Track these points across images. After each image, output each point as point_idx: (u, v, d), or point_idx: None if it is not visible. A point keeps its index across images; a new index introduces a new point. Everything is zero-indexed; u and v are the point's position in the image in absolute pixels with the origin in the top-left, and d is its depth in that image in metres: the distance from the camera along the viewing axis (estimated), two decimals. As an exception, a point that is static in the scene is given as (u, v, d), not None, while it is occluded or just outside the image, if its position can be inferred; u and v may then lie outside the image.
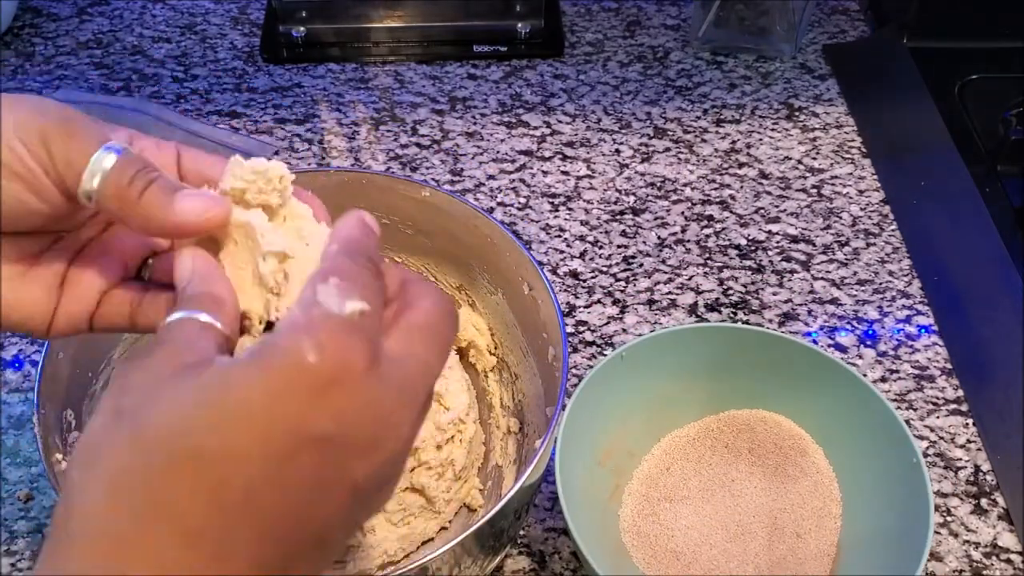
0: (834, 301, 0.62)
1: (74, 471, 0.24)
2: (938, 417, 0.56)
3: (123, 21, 0.82)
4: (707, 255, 0.64)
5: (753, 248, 0.65)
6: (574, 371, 0.57)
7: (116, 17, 0.83)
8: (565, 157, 0.71)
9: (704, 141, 0.72)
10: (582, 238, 0.65)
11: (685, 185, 0.69)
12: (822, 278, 0.63)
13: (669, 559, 0.47)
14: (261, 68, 0.78)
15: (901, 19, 0.79)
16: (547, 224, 0.66)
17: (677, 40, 0.81)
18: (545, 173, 0.70)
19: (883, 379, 0.57)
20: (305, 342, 0.24)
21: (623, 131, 0.73)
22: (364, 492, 0.25)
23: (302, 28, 0.78)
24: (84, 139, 0.29)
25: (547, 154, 0.71)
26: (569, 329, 0.60)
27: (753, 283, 0.63)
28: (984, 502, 0.52)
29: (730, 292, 0.62)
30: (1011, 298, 0.59)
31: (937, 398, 0.56)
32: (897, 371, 0.58)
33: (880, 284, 0.63)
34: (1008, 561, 0.49)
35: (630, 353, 0.49)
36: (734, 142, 0.72)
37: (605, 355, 0.50)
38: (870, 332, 0.60)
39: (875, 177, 0.70)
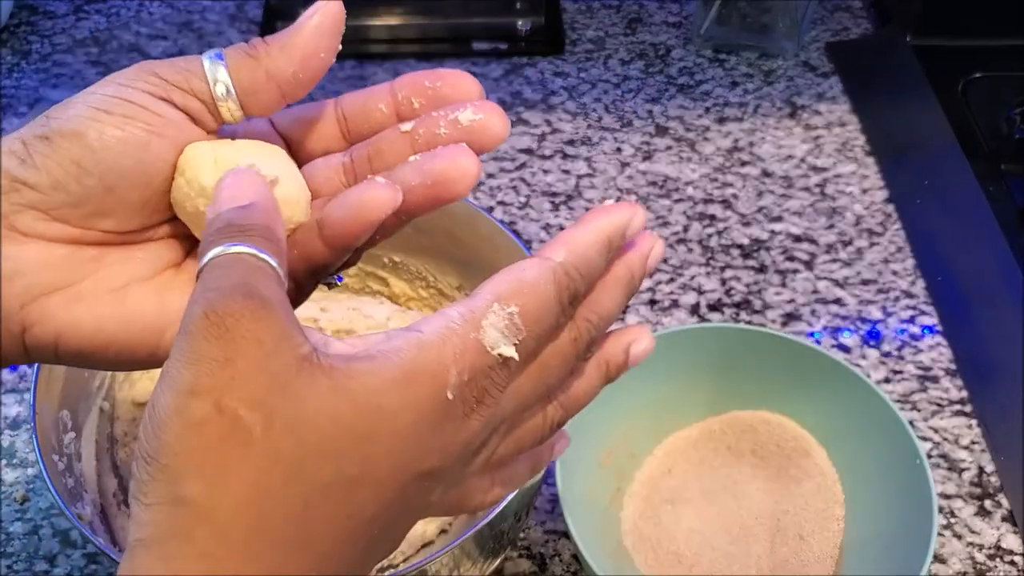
0: (837, 301, 0.61)
1: (193, 478, 0.21)
2: (942, 418, 0.55)
3: (120, 19, 0.82)
4: (709, 255, 0.64)
5: (756, 248, 0.64)
6: (575, 371, 0.56)
7: (113, 15, 0.82)
8: (566, 155, 0.70)
9: (706, 139, 0.72)
10: (583, 237, 0.65)
11: (687, 184, 0.69)
12: (825, 278, 0.63)
13: (671, 561, 0.47)
14: (260, 66, 0.77)
15: (904, 17, 0.79)
16: (547, 223, 0.66)
17: (679, 37, 0.81)
18: (545, 172, 0.69)
19: (887, 380, 0.57)
20: (453, 372, 0.23)
21: (624, 129, 0.73)
22: (433, 510, 0.26)
23: (301, 25, 0.77)
24: (184, 61, 0.28)
25: (547, 152, 0.71)
26: (570, 329, 0.59)
27: (756, 283, 0.62)
28: (988, 504, 0.51)
29: (732, 292, 0.62)
30: (1015, 298, 0.59)
31: (941, 399, 0.56)
32: (901, 372, 0.57)
33: (884, 284, 0.62)
34: (1012, 563, 0.49)
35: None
36: (736, 140, 0.72)
37: (606, 356, 0.50)
38: (874, 332, 0.60)
39: (879, 176, 0.69)
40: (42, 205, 0.26)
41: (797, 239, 0.65)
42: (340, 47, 0.29)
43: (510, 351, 0.23)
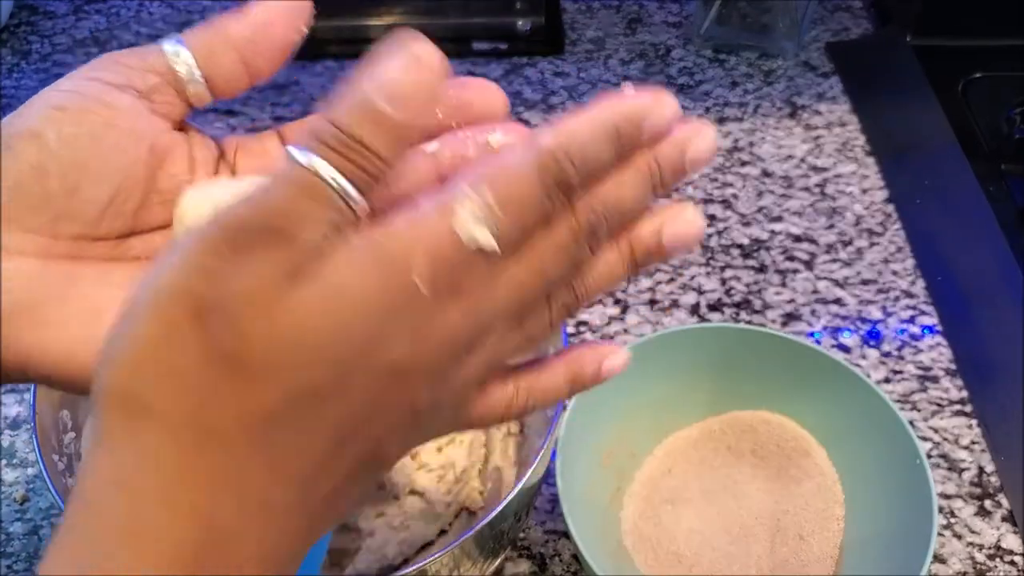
0: (837, 301, 0.61)
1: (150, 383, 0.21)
2: (942, 418, 0.55)
3: (120, 19, 0.82)
4: (709, 255, 0.64)
5: (756, 247, 0.64)
6: (575, 371, 0.56)
7: (113, 15, 0.82)
8: (566, 155, 0.70)
9: (706, 139, 0.72)
10: (583, 237, 0.65)
11: (687, 184, 0.69)
12: (825, 278, 0.63)
13: (671, 561, 0.47)
14: (260, 66, 0.77)
15: (905, 17, 0.79)
16: (548, 223, 0.66)
17: (679, 37, 0.81)
18: (546, 172, 0.69)
19: (887, 380, 0.57)
20: (419, 257, 0.21)
21: (624, 129, 0.73)
22: (424, 415, 0.24)
23: (301, 25, 0.77)
24: (146, 47, 0.27)
25: (548, 152, 0.71)
26: (570, 329, 0.59)
27: (756, 283, 0.62)
28: (988, 504, 0.51)
29: (732, 292, 0.62)
30: (1015, 298, 0.59)
31: (941, 399, 0.56)
32: (901, 372, 0.57)
33: (884, 284, 0.62)
34: (1012, 563, 0.49)
35: (631, 354, 0.49)
36: (736, 140, 0.72)
37: (606, 356, 0.50)
38: (874, 332, 0.60)
39: (879, 176, 0.69)
40: (4, 213, 0.25)
41: (797, 239, 0.65)
42: (305, 29, 0.28)
43: (486, 239, 0.22)
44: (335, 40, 0.78)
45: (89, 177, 0.26)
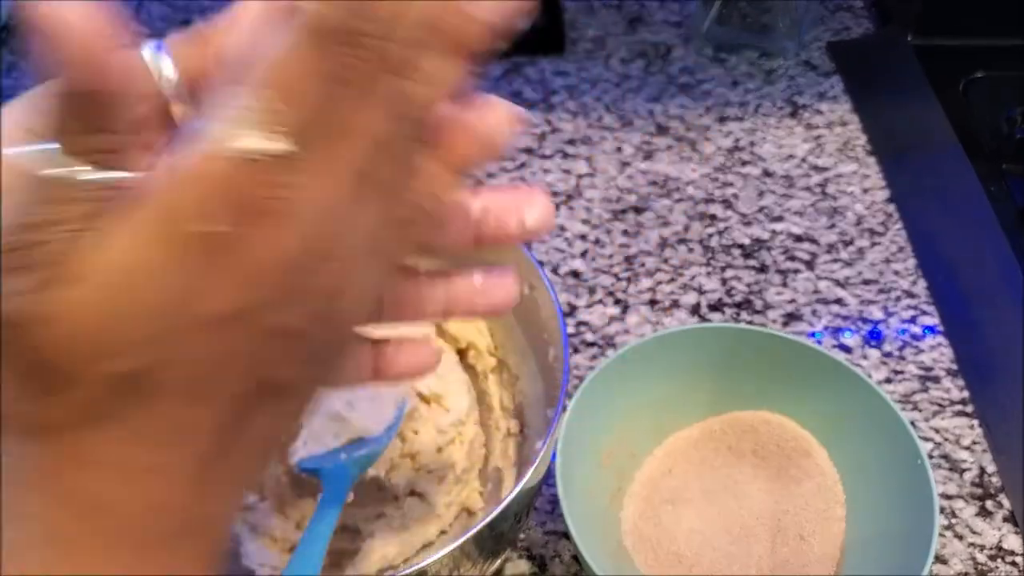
0: (838, 301, 0.61)
1: None
2: (943, 418, 0.55)
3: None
4: (710, 254, 0.64)
5: (756, 247, 0.64)
6: (575, 372, 0.56)
7: (114, 14, 0.82)
8: (566, 155, 0.70)
9: (707, 139, 0.72)
10: (583, 237, 0.65)
11: (688, 183, 0.68)
12: (826, 278, 0.63)
13: (671, 562, 0.47)
14: (260, 65, 0.77)
15: (905, 16, 0.78)
16: (548, 223, 0.66)
17: (679, 37, 0.81)
18: (546, 171, 0.69)
19: (888, 380, 0.57)
20: (191, 206, 0.19)
21: (625, 129, 0.72)
22: (308, 336, 0.22)
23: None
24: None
25: (548, 152, 0.71)
26: (570, 330, 0.59)
27: (756, 283, 0.62)
28: (989, 504, 0.51)
29: (733, 292, 0.62)
30: (1016, 298, 0.59)
31: (942, 399, 0.56)
32: (902, 372, 0.57)
33: (885, 284, 0.62)
34: (1013, 564, 0.49)
35: (632, 354, 0.49)
36: (737, 140, 0.72)
37: (606, 356, 0.50)
38: (875, 332, 0.59)
39: (880, 175, 0.69)
40: None
41: (798, 239, 0.65)
42: None
43: (267, 144, 0.19)
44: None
45: None
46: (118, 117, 0.20)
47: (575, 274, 0.63)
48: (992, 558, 0.49)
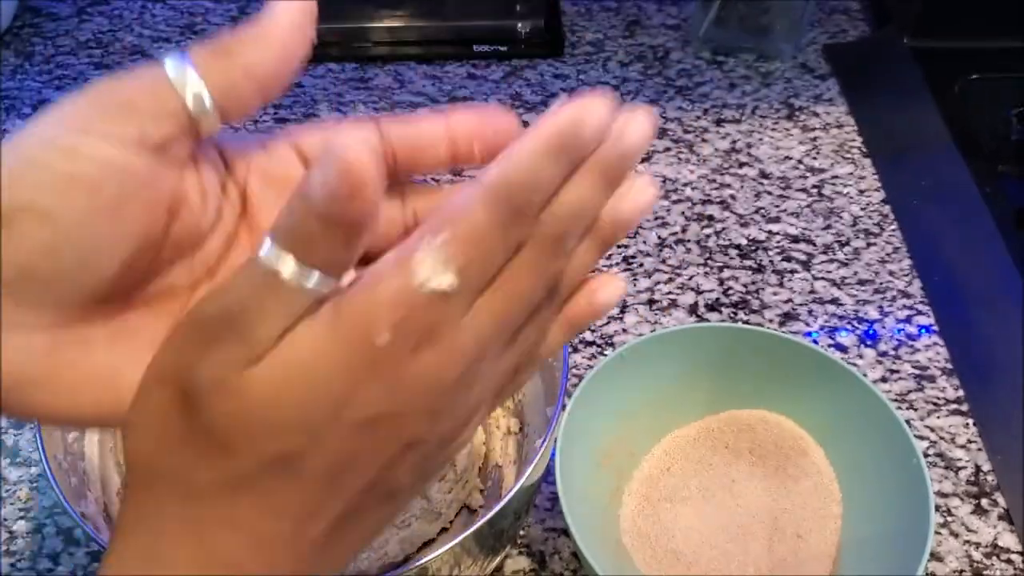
0: (834, 301, 0.62)
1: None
2: (938, 417, 0.56)
3: (123, 21, 0.82)
4: (707, 255, 0.64)
5: (753, 248, 0.65)
6: (574, 371, 0.57)
7: (116, 17, 0.82)
8: (565, 157, 0.71)
9: (704, 141, 0.72)
10: (582, 238, 0.65)
11: (685, 185, 0.69)
12: (822, 278, 0.63)
13: (670, 560, 0.47)
14: (261, 68, 0.77)
15: (902, 18, 0.79)
16: (547, 224, 0.66)
17: (677, 40, 0.81)
18: (545, 173, 0.69)
19: (883, 379, 0.57)
20: (382, 316, 0.22)
21: (623, 131, 0.73)
22: (430, 445, 0.25)
23: (302, 28, 0.78)
24: (150, 77, 0.24)
25: (547, 154, 0.71)
26: (569, 329, 0.60)
27: (753, 283, 0.63)
28: (984, 502, 0.52)
29: (730, 292, 0.62)
30: (1011, 298, 0.59)
31: (937, 398, 0.56)
32: (897, 371, 0.58)
33: (880, 284, 0.63)
34: (1008, 561, 0.49)
35: (630, 353, 0.49)
36: (734, 142, 0.72)
37: (605, 355, 0.50)
38: (870, 332, 0.60)
39: (875, 177, 0.70)
40: (9, 291, 0.23)
41: (795, 239, 0.65)
42: (314, 39, 0.25)
43: (443, 283, 0.22)
44: (336, 42, 0.79)
45: (104, 251, 0.24)
46: (359, 246, 0.22)
47: (574, 275, 0.63)
48: (988, 556, 0.50)
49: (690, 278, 0.63)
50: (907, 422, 0.49)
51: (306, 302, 0.22)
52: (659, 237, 0.65)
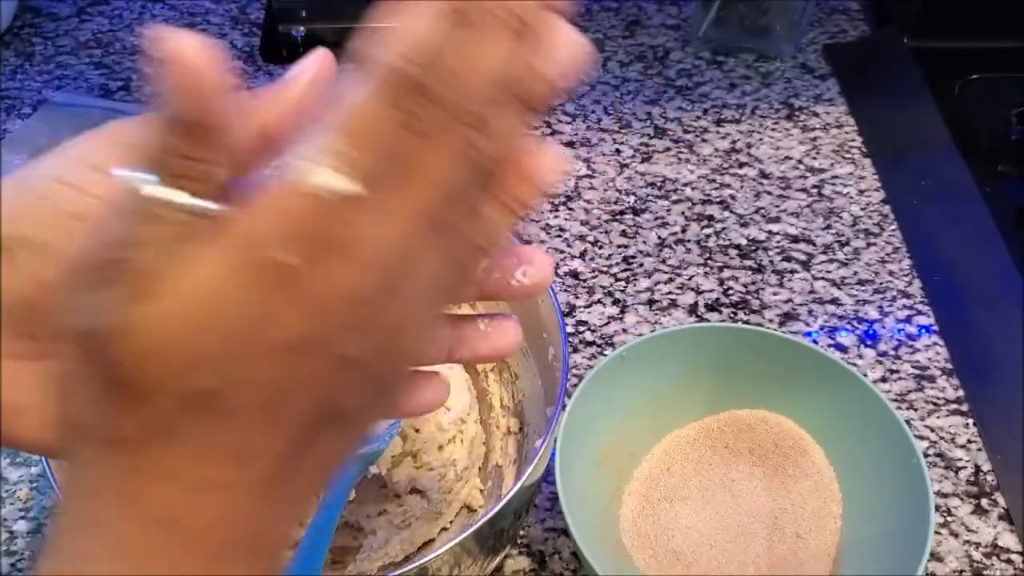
0: (834, 301, 0.62)
1: None
2: (938, 417, 0.56)
3: (123, 21, 0.82)
4: (707, 255, 0.64)
5: (753, 248, 0.65)
6: (574, 371, 0.57)
7: (116, 17, 0.82)
8: (565, 157, 0.71)
9: (704, 141, 0.72)
10: (582, 238, 0.65)
11: (685, 185, 0.69)
12: (822, 278, 0.63)
13: (669, 559, 0.47)
14: (261, 68, 0.78)
15: (902, 18, 0.79)
16: (547, 224, 0.66)
17: (677, 40, 0.81)
18: (545, 173, 0.69)
19: (883, 379, 0.57)
20: (268, 231, 0.20)
21: (623, 131, 0.73)
22: (368, 363, 0.23)
23: (302, 28, 0.78)
24: (152, 121, 0.23)
25: (547, 154, 0.71)
26: (569, 329, 0.60)
27: (753, 283, 0.63)
28: (984, 502, 0.52)
29: (730, 292, 0.62)
30: (1011, 298, 0.59)
31: (937, 398, 0.56)
32: (897, 371, 0.58)
33: (880, 284, 0.63)
34: (1008, 561, 0.49)
35: (630, 353, 0.49)
36: (734, 142, 0.72)
37: (605, 355, 0.50)
38: (870, 332, 0.60)
39: (875, 177, 0.70)
40: (4, 322, 0.23)
41: (794, 239, 0.65)
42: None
43: (341, 185, 0.20)
44: (337, 43, 0.78)
45: None
46: (217, 151, 0.21)
47: (574, 274, 0.63)
48: (988, 556, 0.50)
49: (690, 278, 0.63)
50: (907, 422, 0.49)
51: (184, 223, 0.20)
52: (659, 237, 0.65)
